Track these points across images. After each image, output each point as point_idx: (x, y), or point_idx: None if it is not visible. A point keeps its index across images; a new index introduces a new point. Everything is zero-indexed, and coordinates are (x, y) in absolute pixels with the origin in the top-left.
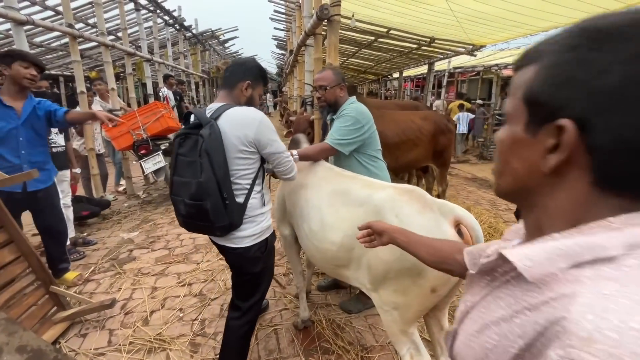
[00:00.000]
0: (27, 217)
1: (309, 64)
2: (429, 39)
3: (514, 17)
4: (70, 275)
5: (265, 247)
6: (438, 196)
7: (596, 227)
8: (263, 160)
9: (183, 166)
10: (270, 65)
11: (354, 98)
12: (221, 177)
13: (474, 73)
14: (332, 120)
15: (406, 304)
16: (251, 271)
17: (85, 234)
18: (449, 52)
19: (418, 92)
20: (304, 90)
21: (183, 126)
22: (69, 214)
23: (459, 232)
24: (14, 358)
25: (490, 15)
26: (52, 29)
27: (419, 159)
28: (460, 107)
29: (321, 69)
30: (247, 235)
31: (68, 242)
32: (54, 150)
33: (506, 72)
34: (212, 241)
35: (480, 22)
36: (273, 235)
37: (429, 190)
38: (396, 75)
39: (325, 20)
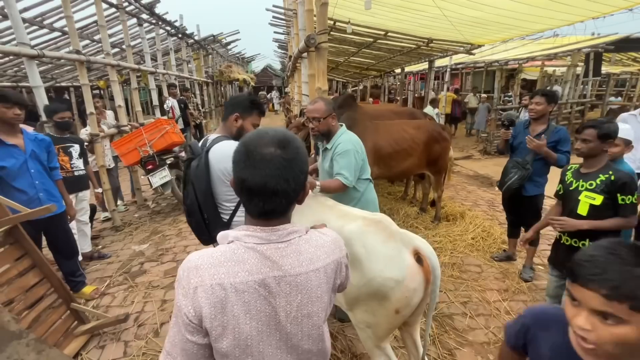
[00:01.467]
0: None
1: (305, 76)
2: (426, 40)
3: (508, 20)
4: (87, 289)
5: None
6: (433, 202)
7: (239, 228)
8: None
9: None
10: (274, 61)
11: (344, 128)
12: (202, 202)
13: (479, 66)
14: (325, 149)
15: (376, 323)
16: None
17: (100, 247)
18: (447, 52)
19: (423, 84)
20: (302, 99)
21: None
22: (86, 230)
23: (419, 260)
24: None
25: (484, 20)
26: (61, 58)
27: (413, 168)
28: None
29: (314, 98)
30: None
31: (81, 258)
32: (75, 174)
33: (510, 65)
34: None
35: (475, 26)
36: None
37: (425, 195)
38: (398, 71)
39: (313, 47)
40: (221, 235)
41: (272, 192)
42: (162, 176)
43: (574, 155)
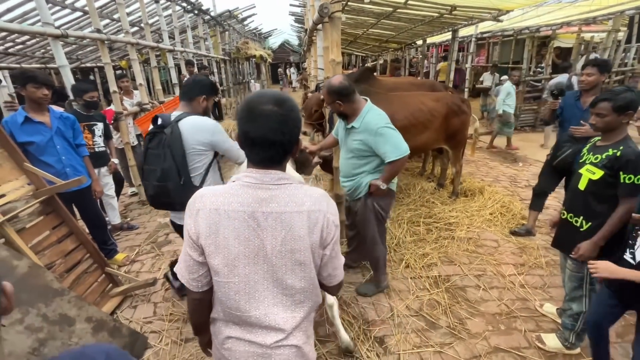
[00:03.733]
0: None
1: (320, 49)
2: (449, 7)
3: None
4: (119, 256)
5: None
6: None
7: (242, 171)
8: (215, 155)
9: (151, 157)
10: (291, 36)
11: (369, 104)
12: (180, 164)
13: (507, 35)
14: (352, 127)
15: None
16: None
17: (128, 219)
18: (473, 19)
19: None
20: (318, 73)
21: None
22: (114, 203)
23: None
24: (84, 326)
25: None
26: (83, 38)
27: (430, 142)
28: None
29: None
30: None
31: (110, 227)
32: (97, 150)
33: (543, 32)
34: (172, 223)
35: None
36: None
37: (444, 171)
38: (420, 42)
39: (327, 17)
40: (230, 179)
41: (271, 143)
42: None
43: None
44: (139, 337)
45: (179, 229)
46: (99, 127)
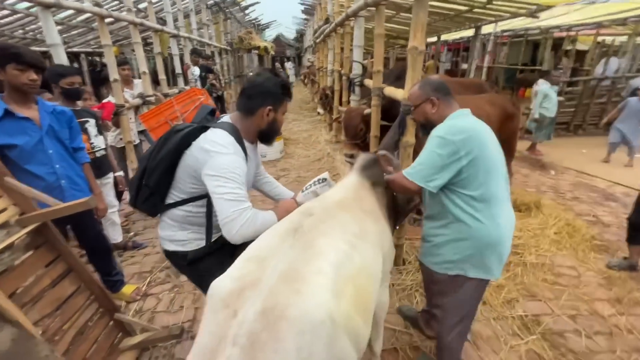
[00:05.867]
0: None
1: (358, 38)
2: (484, 1)
3: None
4: (127, 290)
5: (185, 259)
6: None
7: None
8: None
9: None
10: (288, 30)
11: (457, 112)
12: (150, 167)
13: (519, 35)
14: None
15: None
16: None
17: (132, 233)
18: (504, 15)
19: (451, 56)
20: (353, 68)
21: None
22: (115, 218)
23: None
24: None
25: None
26: (79, 10)
27: None
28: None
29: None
30: (165, 237)
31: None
32: (97, 154)
33: (556, 34)
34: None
35: None
36: (198, 251)
37: None
38: (432, 39)
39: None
40: None
41: None
42: None
43: None
44: None
45: (170, 256)
46: (91, 124)
